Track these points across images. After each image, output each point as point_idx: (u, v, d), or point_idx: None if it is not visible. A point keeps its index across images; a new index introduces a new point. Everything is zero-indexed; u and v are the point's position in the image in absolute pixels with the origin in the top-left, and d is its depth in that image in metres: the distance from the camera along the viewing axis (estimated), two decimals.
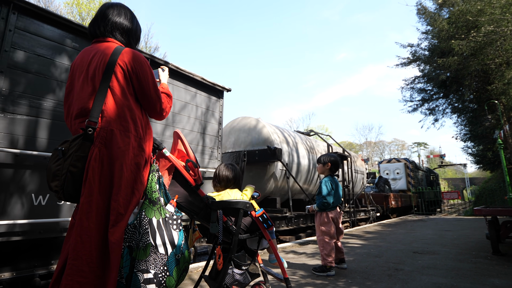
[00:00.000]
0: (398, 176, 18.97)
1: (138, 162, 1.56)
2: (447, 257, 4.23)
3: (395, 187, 18.39)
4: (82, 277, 1.32)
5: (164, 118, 1.82)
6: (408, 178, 18.55)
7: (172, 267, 1.53)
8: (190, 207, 1.90)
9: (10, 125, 2.60)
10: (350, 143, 62.92)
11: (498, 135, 11.31)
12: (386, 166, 19.78)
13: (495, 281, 3.00)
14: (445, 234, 6.99)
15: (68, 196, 1.46)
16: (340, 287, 2.85)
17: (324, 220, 3.42)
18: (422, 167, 22.50)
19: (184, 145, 1.98)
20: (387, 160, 20.37)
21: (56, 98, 2.94)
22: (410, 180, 18.48)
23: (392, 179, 18.76)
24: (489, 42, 11.12)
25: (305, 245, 5.41)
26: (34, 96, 2.79)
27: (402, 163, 18.99)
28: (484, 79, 14.09)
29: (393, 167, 19.41)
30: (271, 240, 2.10)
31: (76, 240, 1.36)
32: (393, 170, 19.33)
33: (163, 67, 2.04)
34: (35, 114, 2.78)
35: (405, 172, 18.66)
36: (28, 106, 2.74)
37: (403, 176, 18.69)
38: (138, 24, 1.85)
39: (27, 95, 2.74)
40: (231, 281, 1.95)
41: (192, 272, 3.33)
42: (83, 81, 1.57)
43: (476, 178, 53.83)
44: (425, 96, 17.95)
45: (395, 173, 19.18)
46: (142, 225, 1.51)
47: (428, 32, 15.97)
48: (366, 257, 4.28)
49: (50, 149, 2.80)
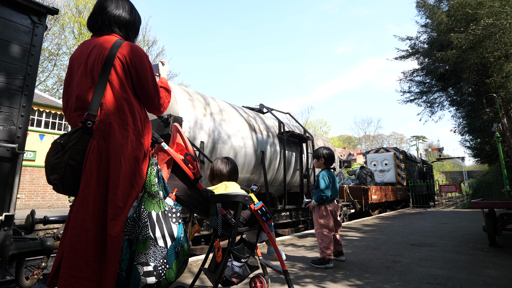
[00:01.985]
0: (386, 168, 17.03)
1: (137, 155, 1.56)
2: (444, 249, 4.27)
3: (383, 179, 16.78)
4: (77, 271, 1.32)
5: (162, 113, 1.81)
6: (397, 170, 16.73)
7: (171, 260, 1.54)
8: (189, 200, 1.91)
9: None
10: (349, 137, 63.04)
11: (496, 129, 11.33)
12: (373, 156, 17.73)
13: (491, 273, 3.03)
14: (442, 226, 7.04)
15: (67, 189, 1.46)
16: (339, 279, 2.88)
17: (323, 213, 3.43)
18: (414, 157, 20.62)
19: (183, 139, 1.98)
20: (374, 150, 18.20)
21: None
22: (399, 172, 16.67)
23: (379, 170, 17.06)
24: (488, 35, 11.09)
25: (304, 238, 5.45)
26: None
27: (391, 153, 17.00)
28: (483, 72, 14.09)
29: (381, 157, 17.37)
30: (270, 233, 2.11)
31: (72, 233, 1.36)
32: (380, 161, 17.30)
33: (163, 61, 2.03)
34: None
35: (394, 163, 16.77)
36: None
37: (392, 167, 16.79)
38: (138, 16, 1.82)
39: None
40: (231, 273, 1.97)
41: (191, 265, 3.35)
42: (82, 74, 1.56)
43: (474, 171, 54.11)
44: (424, 89, 17.97)
45: (383, 164, 17.20)
46: (142, 218, 1.51)
47: (427, 25, 15.93)
48: (364, 249, 4.32)
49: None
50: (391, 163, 16.80)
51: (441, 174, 60.85)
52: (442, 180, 54.94)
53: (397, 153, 16.90)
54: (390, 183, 16.42)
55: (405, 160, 17.53)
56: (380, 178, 16.77)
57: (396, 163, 16.71)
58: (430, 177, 22.28)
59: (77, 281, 1.31)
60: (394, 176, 16.59)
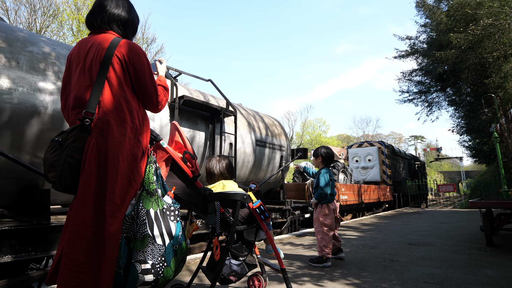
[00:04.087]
0: (370, 164, 14.72)
1: (135, 153, 1.56)
2: (441, 248, 4.28)
3: (366, 177, 14.64)
4: (78, 266, 1.32)
5: (160, 111, 1.81)
6: (382, 167, 14.45)
7: (169, 257, 1.55)
8: (188, 198, 1.91)
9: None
10: (348, 136, 63.09)
11: (494, 129, 11.38)
12: (355, 151, 15.47)
13: (488, 272, 3.05)
14: (440, 226, 7.07)
15: (66, 187, 1.46)
16: (336, 277, 2.89)
17: (325, 212, 3.44)
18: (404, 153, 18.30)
19: (181, 137, 1.98)
20: (357, 144, 15.96)
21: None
22: (385, 169, 14.41)
23: (362, 167, 14.86)
24: (487, 35, 11.11)
25: (302, 237, 5.46)
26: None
27: (375, 147, 14.74)
28: (482, 73, 14.11)
29: (364, 152, 15.01)
30: (268, 232, 2.12)
31: (72, 230, 1.37)
32: (363, 157, 14.97)
33: (160, 59, 2.03)
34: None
35: (378, 159, 14.50)
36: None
37: (377, 163, 14.53)
38: (136, 15, 1.83)
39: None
40: (229, 271, 1.97)
41: (190, 263, 3.36)
42: (80, 72, 1.56)
43: (472, 171, 54.31)
44: (423, 89, 18.00)
45: (366, 160, 14.86)
46: (140, 216, 1.51)
47: (427, 25, 15.94)
48: (362, 248, 4.33)
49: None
50: (375, 158, 14.59)
51: (439, 174, 61.03)
52: (440, 180, 55.09)
53: (382, 148, 14.68)
54: (374, 181, 14.28)
55: (392, 155, 15.59)
56: (362, 176, 14.75)
57: (381, 159, 14.53)
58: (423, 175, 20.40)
59: (78, 276, 1.31)
60: (378, 174, 14.43)
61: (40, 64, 2.95)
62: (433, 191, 35.08)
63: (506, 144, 14.66)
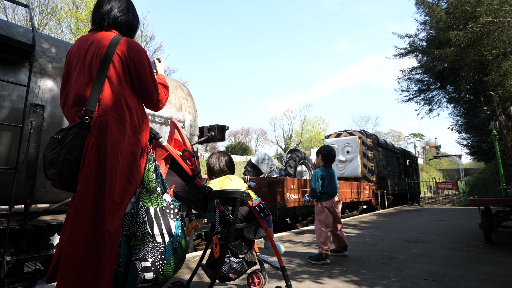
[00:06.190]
0: (348, 157, 12.36)
1: (134, 151, 1.56)
2: (440, 246, 4.30)
3: (343, 172, 12.37)
4: (78, 264, 1.33)
5: (160, 109, 1.81)
6: (363, 160, 12.15)
7: (169, 255, 1.55)
8: (187, 196, 1.91)
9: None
10: None
11: (493, 126, 11.39)
12: (332, 141, 12.88)
13: (486, 269, 3.06)
14: (439, 223, 7.09)
15: (65, 185, 1.46)
16: (335, 275, 2.90)
17: (319, 210, 3.52)
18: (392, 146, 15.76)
19: (181, 135, 1.98)
20: (335, 134, 13.38)
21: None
22: (366, 162, 12.12)
23: (339, 160, 12.37)
24: (486, 33, 11.11)
25: (301, 235, 5.47)
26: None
27: (355, 137, 12.34)
28: (481, 70, 14.12)
29: (342, 142, 12.57)
30: (268, 229, 2.12)
31: (72, 228, 1.37)
32: (341, 148, 12.52)
33: (159, 58, 2.03)
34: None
35: (359, 151, 12.16)
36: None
37: (356, 156, 12.17)
38: (136, 14, 1.83)
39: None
40: (228, 269, 1.98)
41: (189, 261, 3.36)
42: (80, 70, 1.56)
43: (471, 169, 54.40)
44: (422, 87, 17.99)
45: (345, 152, 12.46)
46: (140, 214, 1.52)
47: (426, 22, 15.92)
48: (361, 246, 4.34)
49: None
50: (355, 150, 12.28)
51: (438, 171, 61.13)
52: (439, 177, 55.19)
53: (363, 137, 12.30)
54: (354, 177, 12.21)
55: (376, 147, 13.22)
56: (339, 170, 12.43)
57: (362, 151, 12.23)
58: (415, 171, 18.37)
59: (78, 274, 1.32)
60: (358, 168, 12.15)
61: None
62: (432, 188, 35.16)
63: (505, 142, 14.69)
